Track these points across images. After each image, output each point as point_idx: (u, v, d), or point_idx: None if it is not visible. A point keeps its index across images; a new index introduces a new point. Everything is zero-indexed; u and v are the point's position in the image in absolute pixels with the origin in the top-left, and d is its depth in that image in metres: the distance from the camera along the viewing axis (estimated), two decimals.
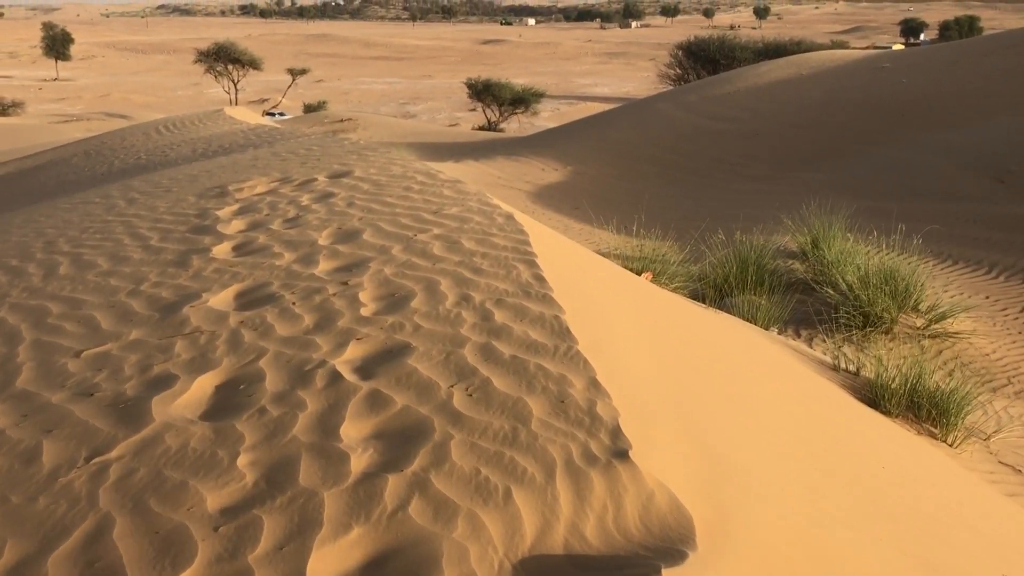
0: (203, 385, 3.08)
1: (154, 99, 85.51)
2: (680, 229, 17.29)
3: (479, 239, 4.50)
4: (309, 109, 59.35)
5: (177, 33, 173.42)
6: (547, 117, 62.13)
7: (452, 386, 2.88)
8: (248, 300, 3.92)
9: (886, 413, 5.81)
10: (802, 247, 12.51)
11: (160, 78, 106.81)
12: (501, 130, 48.26)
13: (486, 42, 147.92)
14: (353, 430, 2.68)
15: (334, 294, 3.83)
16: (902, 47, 72.70)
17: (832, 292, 9.10)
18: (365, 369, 3.07)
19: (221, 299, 3.95)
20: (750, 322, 8.19)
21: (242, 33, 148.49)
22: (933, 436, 5.80)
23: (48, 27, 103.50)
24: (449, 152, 32.72)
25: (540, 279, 3.84)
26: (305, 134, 11.24)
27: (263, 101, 73.95)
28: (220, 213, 5.63)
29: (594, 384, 2.82)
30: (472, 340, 3.23)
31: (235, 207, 5.80)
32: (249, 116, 18.04)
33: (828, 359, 6.84)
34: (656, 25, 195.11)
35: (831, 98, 29.26)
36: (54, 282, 4.61)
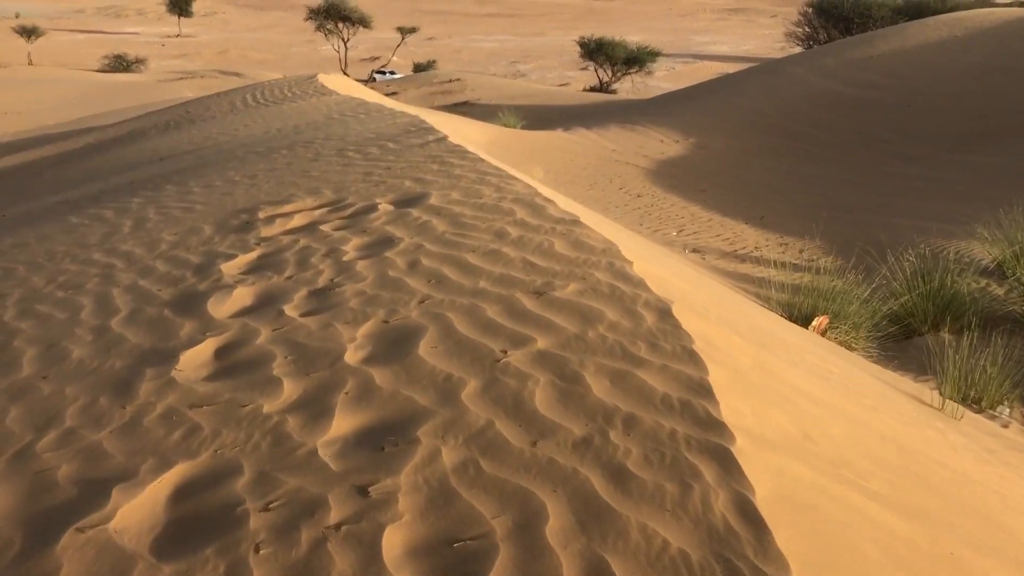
0: None
1: (270, 56, 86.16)
2: (829, 222, 14.73)
3: (617, 372, 2.52)
4: (419, 68, 58.08)
5: None
6: (662, 77, 58.82)
7: None
8: (174, 522, 2.08)
9: None
10: (999, 261, 9.93)
11: (276, 35, 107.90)
12: (613, 91, 45.55)
13: None
14: None
15: (328, 536, 1.94)
16: None
17: None
18: None
19: (133, 512, 2.12)
20: (968, 398, 5.93)
21: None
22: None
23: None
24: (559, 117, 30.56)
25: (757, 527, 1.85)
26: (392, 116, 9.42)
27: (374, 59, 73.19)
28: (227, 268, 3.83)
29: None
30: None
31: (253, 255, 3.99)
32: (342, 85, 16.44)
33: None
34: None
35: (994, 65, 25.51)
36: None
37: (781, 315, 6.98)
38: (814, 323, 6.61)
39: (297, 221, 4.48)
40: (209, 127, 12.10)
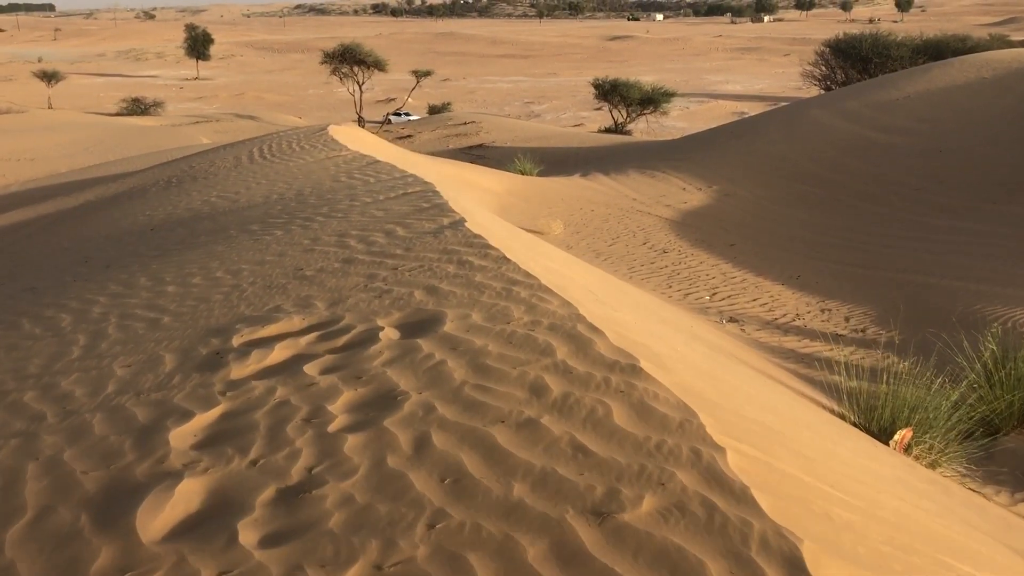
0: None
1: (286, 98, 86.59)
2: (871, 283, 13.72)
3: None
4: (434, 110, 57.92)
5: (312, 32, 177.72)
6: (676, 116, 58.42)
7: None
8: None
9: None
10: None
11: (293, 77, 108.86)
12: (628, 132, 44.88)
13: (613, 38, 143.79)
14: None
15: None
16: None
17: None
18: None
19: None
20: None
21: (373, 32, 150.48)
22: None
23: (190, 28, 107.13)
24: (575, 161, 29.84)
25: None
26: (403, 183, 8.56)
27: (390, 101, 73.38)
28: (177, 438, 2.91)
29: None
30: None
31: (215, 414, 3.06)
32: (353, 138, 15.65)
33: None
34: (790, 19, 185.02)
35: None
36: None
37: (855, 422, 6.01)
38: (896, 437, 5.63)
39: (278, 354, 3.55)
40: (209, 189, 11.30)
